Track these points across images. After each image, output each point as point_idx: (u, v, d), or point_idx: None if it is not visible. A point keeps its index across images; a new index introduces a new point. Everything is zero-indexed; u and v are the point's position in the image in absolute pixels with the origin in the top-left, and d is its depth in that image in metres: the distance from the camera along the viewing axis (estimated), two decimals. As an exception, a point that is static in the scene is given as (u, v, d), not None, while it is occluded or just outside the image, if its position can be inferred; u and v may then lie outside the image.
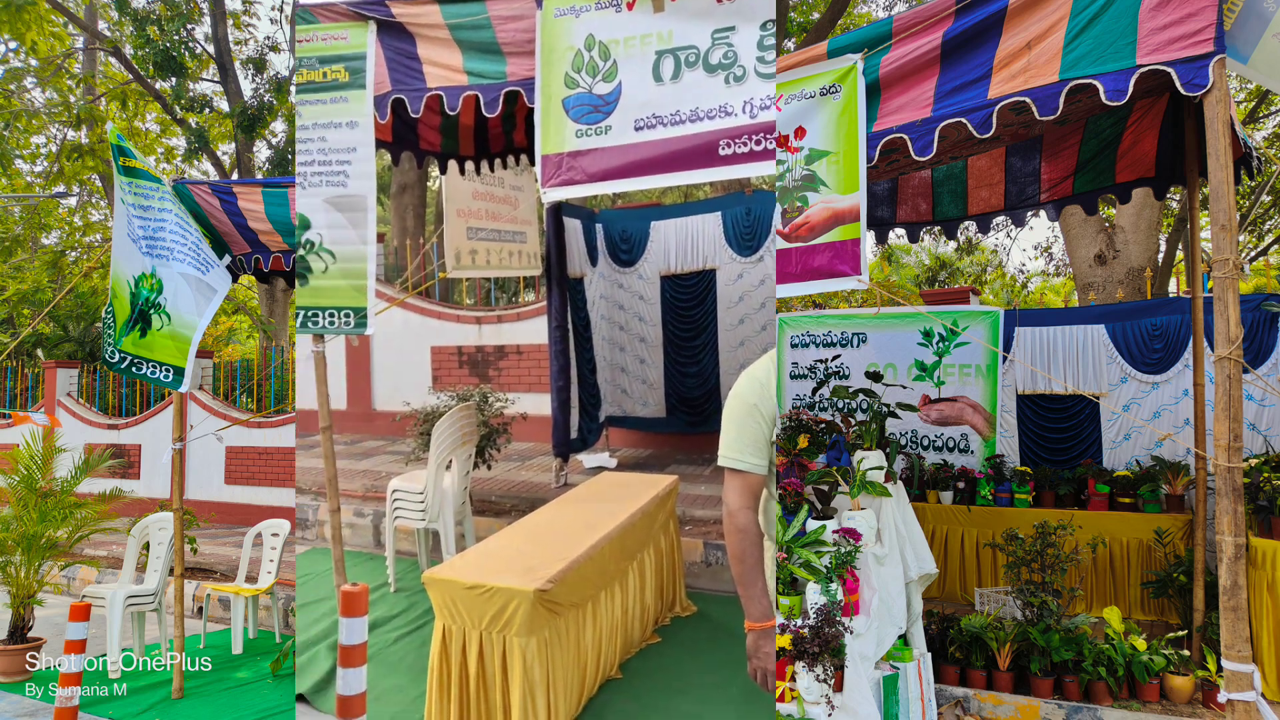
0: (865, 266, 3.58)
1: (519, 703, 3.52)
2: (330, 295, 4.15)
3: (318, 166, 4.13)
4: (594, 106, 3.63)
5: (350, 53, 4.09)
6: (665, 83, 3.53)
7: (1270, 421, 5.63)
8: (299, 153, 4.16)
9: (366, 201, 4.13)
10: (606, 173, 3.61)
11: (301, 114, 4.13)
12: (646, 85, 3.55)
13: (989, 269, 21.63)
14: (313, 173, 4.13)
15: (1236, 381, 2.88)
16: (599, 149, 3.62)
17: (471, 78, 3.92)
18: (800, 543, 3.70)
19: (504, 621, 3.53)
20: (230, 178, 14.80)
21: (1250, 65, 3.23)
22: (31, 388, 13.94)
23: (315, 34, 4.10)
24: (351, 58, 4.09)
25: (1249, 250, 14.28)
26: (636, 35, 3.56)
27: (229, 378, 12.28)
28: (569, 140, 3.66)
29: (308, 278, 4.14)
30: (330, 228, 4.13)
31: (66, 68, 16.24)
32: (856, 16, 15.10)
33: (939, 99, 3.40)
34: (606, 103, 3.61)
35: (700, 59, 3.47)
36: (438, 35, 3.99)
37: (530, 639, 3.51)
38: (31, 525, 5.72)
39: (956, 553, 6.03)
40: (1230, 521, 2.85)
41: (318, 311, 4.17)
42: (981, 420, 5.72)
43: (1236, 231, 2.97)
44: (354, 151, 4.10)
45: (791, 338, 7.30)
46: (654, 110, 3.53)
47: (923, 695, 3.84)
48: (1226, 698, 2.86)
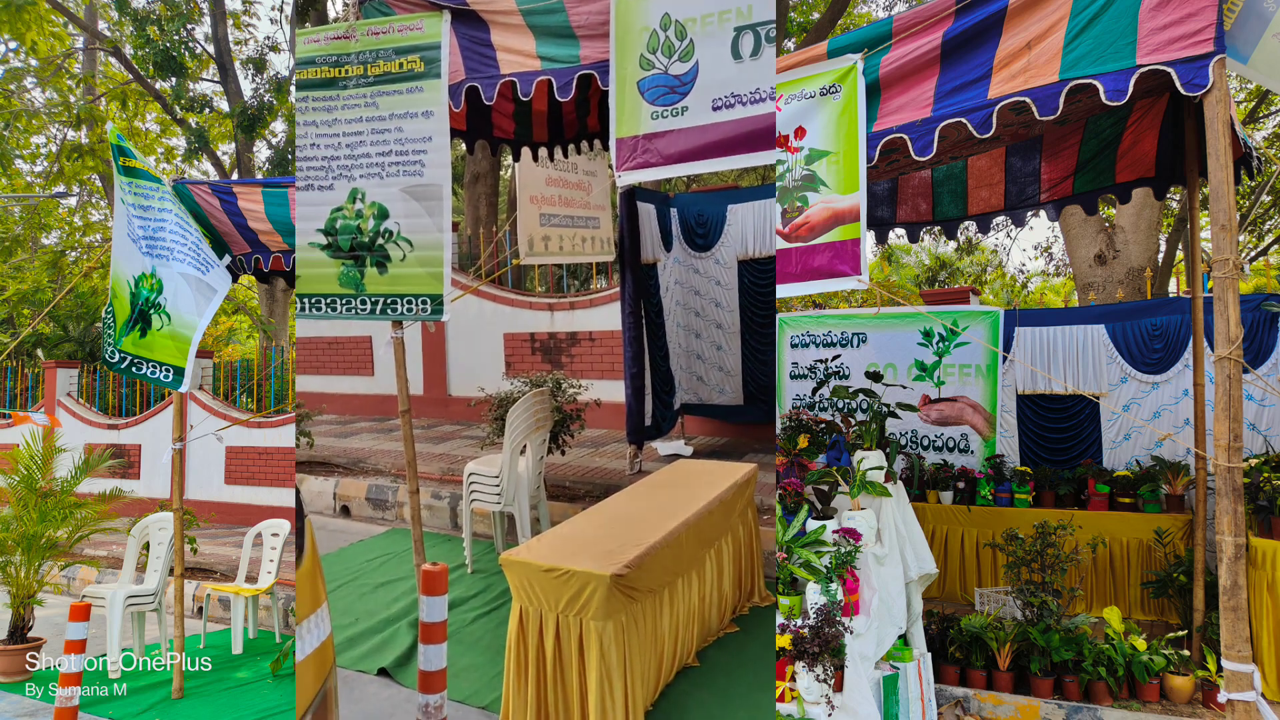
0: (865, 266, 3.58)
1: (595, 686, 3.50)
2: (407, 283, 4.23)
3: (395, 156, 4.20)
4: (670, 87, 3.58)
5: (425, 43, 4.14)
6: (745, 60, 3.45)
7: (1270, 421, 5.63)
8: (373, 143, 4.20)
9: (442, 190, 4.20)
10: (683, 154, 3.55)
11: (378, 104, 4.19)
12: (725, 63, 3.48)
13: (989, 269, 21.63)
14: (390, 162, 4.20)
15: (1236, 381, 2.88)
16: (675, 130, 3.57)
17: (544, 62, 3.90)
18: (800, 543, 3.70)
19: (580, 605, 3.52)
20: (230, 178, 14.81)
21: (1250, 65, 3.24)
22: (31, 388, 13.93)
23: (391, 26, 4.16)
24: (426, 47, 4.14)
25: (1249, 250, 14.28)
26: (715, 12, 3.50)
27: (229, 378, 12.28)
28: (644, 123, 3.62)
29: (386, 265, 4.22)
30: (407, 216, 4.19)
31: (66, 68, 16.25)
32: (856, 16, 15.11)
33: (939, 99, 3.40)
34: (683, 83, 3.56)
35: None
36: (511, 21, 3.98)
37: (607, 623, 3.49)
38: (31, 525, 5.72)
39: (956, 553, 6.03)
40: (1230, 521, 2.85)
41: (396, 299, 4.24)
42: (981, 420, 5.72)
43: (1236, 231, 2.97)
44: (429, 141, 4.16)
45: (791, 338, 7.30)
46: (733, 89, 3.46)
47: (923, 695, 3.85)
48: (1226, 698, 2.86)
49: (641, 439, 7.12)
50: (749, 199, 7.70)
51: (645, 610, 3.82)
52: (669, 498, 4.65)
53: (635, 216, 7.09)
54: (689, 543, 4.27)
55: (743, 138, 3.46)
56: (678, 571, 4.19)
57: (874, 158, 3.54)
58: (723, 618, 4.75)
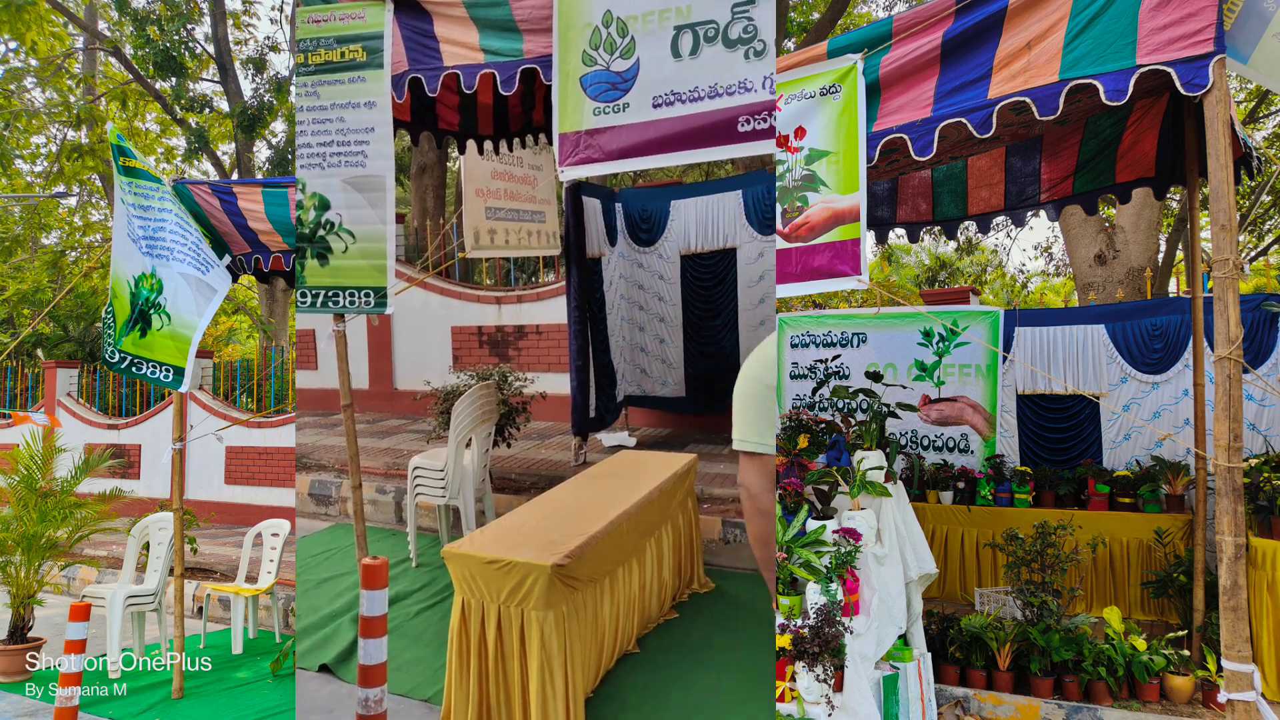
0: (865, 266, 3.58)
1: (536, 675, 3.56)
2: (350, 275, 4.18)
3: (336, 147, 4.15)
4: (612, 84, 3.61)
5: (368, 32, 4.10)
6: (684, 59, 3.50)
7: (1270, 421, 5.63)
8: (314, 134, 4.14)
9: (385, 182, 4.15)
10: (624, 151, 3.59)
11: (319, 94, 4.13)
12: (665, 62, 3.52)
13: (989, 269, 21.63)
14: (331, 153, 4.15)
15: (1236, 381, 2.88)
16: (617, 127, 3.59)
17: (488, 55, 3.90)
18: (800, 543, 3.70)
19: (522, 595, 3.57)
20: (230, 178, 14.80)
21: (1250, 65, 3.23)
22: (31, 388, 13.93)
23: (333, 14, 4.11)
24: (369, 37, 4.10)
25: (1249, 250, 14.28)
26: (655, 10, 3.53)
27: (229, 378, 12.27)
28: (586, 119, 3.64)
29: (327, 257, 4.16)
30: (349, 208, 4.15)
31: (66, 68, 16.24)
32: (856, 16, 15.11)
33: (939, 99, 3.40)
34: (624, 80, 3.59)
35: (720, 34, 3.44)
36: (454, 13, 3.98)
37: (548, 613, 3.55)
38: (31, 525, 5.72)
39: (956, 553, 6.03)
40: (1230, 521, 2.85)
41: (338, 291, 4.20)
42: (981, 420, 5.71)
43: (1236, 231, 2.97)
44: (372, 131, 4.12)
45: (791, 338, 7.30)
46: (673, 87, 3.50)
47: (923, 695, 3.85)
48: (1226, 698, 2.86)
49: (586, 431, 7.19)
50: (692, 195, 7.84)
51: (586, 599, 3.88)
52: (610, 488, 4.72)
53: (581, 211, 7.16)
54: (629, 532, 4.34)
55: (683, 135, 3.50)
56: (618, 560, 4.25)
57: (874, 158, 3.54)
58: (663, 605, 4.85)
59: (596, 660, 4.02)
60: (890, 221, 6.18)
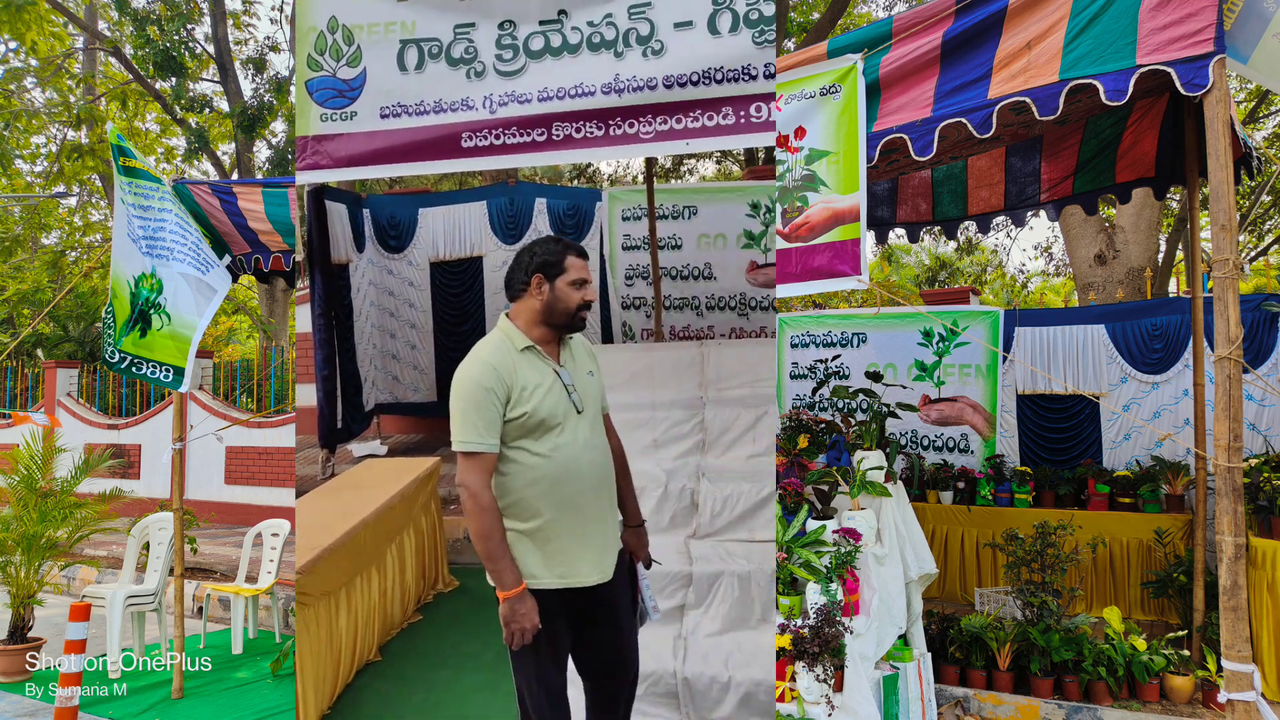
0: (865, 266, 3.57)
1: None
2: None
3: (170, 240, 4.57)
4: (339, 91, 3.61)
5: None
6: (410, 72, 3.53)
7: (1270, 421, 5.63)
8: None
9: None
10: (353, 159, 3.58)
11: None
12: (392, 73, 3.54)
13: (989, 269, 21.63)
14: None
15: (1236, 381, 2.88)
16: (345, 135, 3.59)
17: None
18: (800, 543, 3.70)
19: None
20: (230, 178, 14.80)
21: (1250, 65, 3.23)
22: (31, 388, 13.94)
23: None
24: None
25: (1249, 250, 14.28)
26: (380, 22, 3.56)
27: (229, 378, 12.27)
28: (314, 123, 3.62)
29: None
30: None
31: (66, 68, 16.24)
32: (856, 16, 15.10)
33: (939, 99, 3.40)
34: (352, 88, 3.59)
35: (443, 51, 3.48)
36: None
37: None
38: (31, 525, 5.71)
39: (956, 553, 6.03)
40: (1230, 521, 2.85)
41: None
42: (981, 420, 5.73)
43: (1236, 231, 2.97)
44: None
45: (791, 338, 7.30)
46: (399, 99, 3.53)
47: (923, 695, 3.85)
48: (1226, 698, 2.86)
49: (334, 442, 7.06)
50: (441, 203, 7.89)
51: (319, 614, 3.85)
52: (348, 499, 4.72)
53: (324, 216, 7.01)
54: (368, 540, 4.34)
55: (412, 146, 3.52)
56: (355, 570, 4.25)
57: (874, 158, 3.54)
58: (406, 609, 4.87)
59: (334, 675, 3.98)
60: (890, 221, 6.18)
